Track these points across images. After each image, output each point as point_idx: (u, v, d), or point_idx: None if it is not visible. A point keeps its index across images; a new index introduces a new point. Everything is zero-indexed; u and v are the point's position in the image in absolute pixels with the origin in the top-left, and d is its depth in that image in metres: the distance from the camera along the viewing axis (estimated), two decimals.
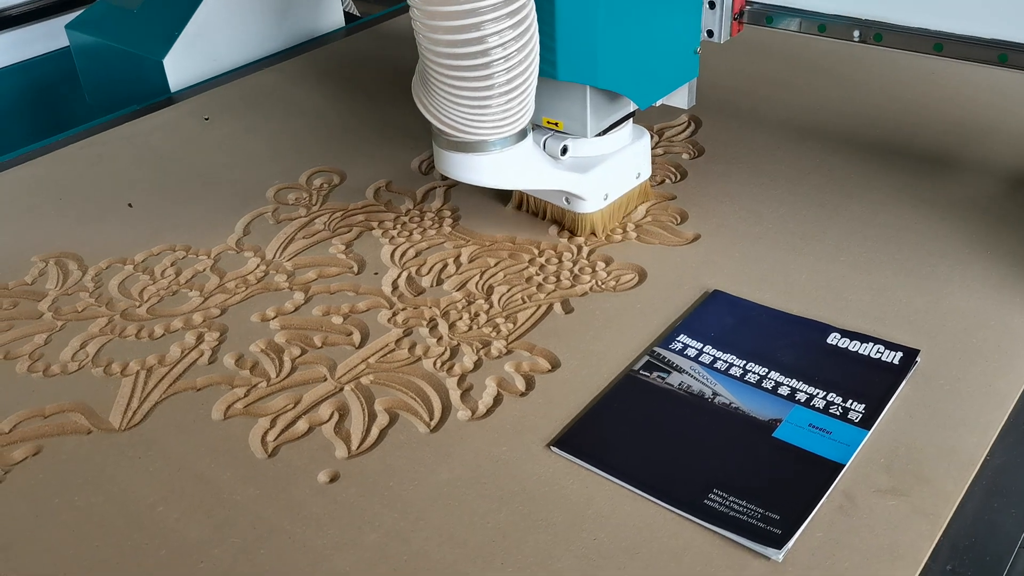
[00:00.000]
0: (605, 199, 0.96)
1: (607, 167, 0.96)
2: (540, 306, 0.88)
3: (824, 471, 0.68)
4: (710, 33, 0.98)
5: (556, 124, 0.94)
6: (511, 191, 1.03)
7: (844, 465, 0.69)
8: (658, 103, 0.99)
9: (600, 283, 0.91)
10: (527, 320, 0.86)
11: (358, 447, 0.74)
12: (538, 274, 0.92)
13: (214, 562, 0.65)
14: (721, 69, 1.32)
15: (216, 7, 1.39)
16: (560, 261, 0.94)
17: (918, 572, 0.61)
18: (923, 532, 0.63)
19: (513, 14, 0.78)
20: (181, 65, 1.38)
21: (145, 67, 1.38)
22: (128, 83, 1.41)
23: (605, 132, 0.95)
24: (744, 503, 0.66)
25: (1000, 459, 0.69)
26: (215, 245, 1.00)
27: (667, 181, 1.07)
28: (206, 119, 1.28)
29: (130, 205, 1.09)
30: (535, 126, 0.95)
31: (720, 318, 0.84)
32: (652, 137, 1.16)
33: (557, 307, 0.88)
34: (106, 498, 0.71)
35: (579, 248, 0.96)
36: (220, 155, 1.19)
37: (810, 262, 0.91)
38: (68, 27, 1.45)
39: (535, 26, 0.81)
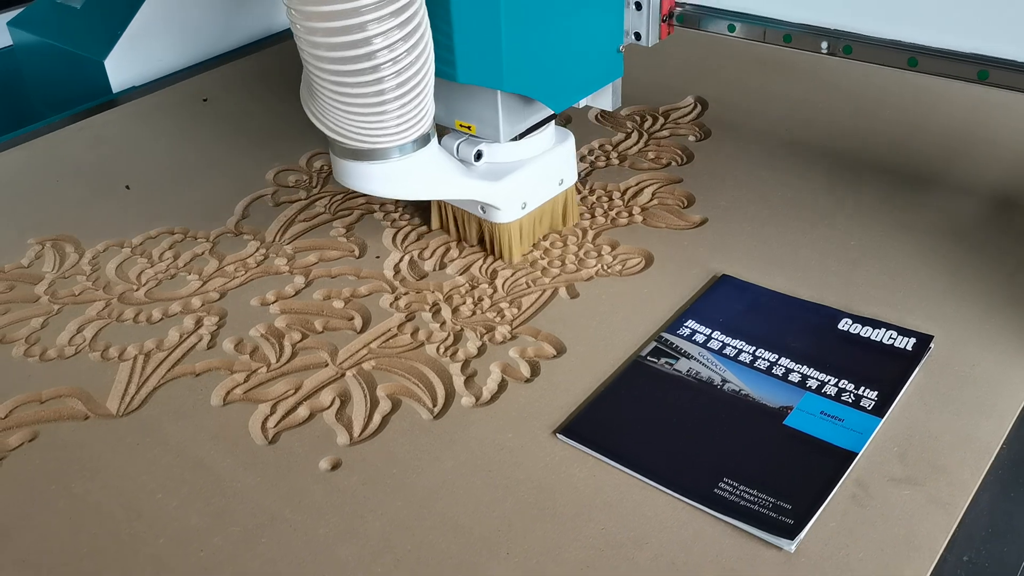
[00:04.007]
0: (523, 208, 0.88)
1: (524, 174, 0.87)
2: (545, 291, 0.86)
3: (837, 460, 0.67)
4: (637, 36, 0.90)
5: (469, 128, 0.85)
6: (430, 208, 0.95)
7: (857, 453, 0.67)
8: (580, 104, 0.91)
9: (606, 267, 0.89)
10: (532, 305, 0.85)
11: (360, 434, 0.73)
12: (543, 258, 0.91)
13: (214, 551, 0.64)
14: (728, 51, 1.30)
15: (159, 5, 1.32)
16: (565, 245, 0.92)
17: (934, 563, 0.60)
18: (939, 522, 0.62)
19: (399, 12, 0.70)
20: (123, 66, 1.31)
21: (86, 67, 1.31)
22: (70, 83, 1.34)
23: (523, 136, 0.87)
24: (755, 492, 0.65)
25: (1017, 447, 0.68)
26: (214, 228, 0.99)
27: (673, 164, 1.05)
28: (204, 100, 1.26)
29: (127, 187, 1.07)
30: (449, 130, 0.87)
31: (729, 303, 0.83)
32: (656, 119, 1.14)
33: (562, 291, 0.86)
34: (103, 485, 0.70)
35: (584, 232, 0.94)
36: (219, 137, 1.17)
37: (821, 246, 0.90)
38: (10, 24, 1.39)
39: (426, 22, 0.73)
